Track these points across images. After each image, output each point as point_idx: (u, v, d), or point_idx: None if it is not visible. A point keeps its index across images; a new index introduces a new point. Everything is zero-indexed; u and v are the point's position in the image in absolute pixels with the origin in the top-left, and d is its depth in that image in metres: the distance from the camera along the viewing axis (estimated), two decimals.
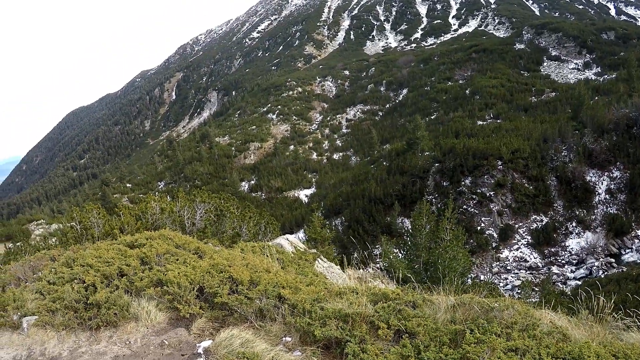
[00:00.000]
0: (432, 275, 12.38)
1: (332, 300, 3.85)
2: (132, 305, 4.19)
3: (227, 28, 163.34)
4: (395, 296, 3.92)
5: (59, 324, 4.02)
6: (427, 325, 3.39)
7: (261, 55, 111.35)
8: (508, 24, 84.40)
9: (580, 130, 30.21)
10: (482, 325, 3.31)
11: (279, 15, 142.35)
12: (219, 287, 4.16)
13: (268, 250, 6.02)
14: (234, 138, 55.21)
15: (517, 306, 3.65)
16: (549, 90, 46.72)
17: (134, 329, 4.05)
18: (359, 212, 29.32)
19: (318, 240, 12.64)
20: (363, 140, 48.72)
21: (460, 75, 57.42)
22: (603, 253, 23.32)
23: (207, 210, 8.44)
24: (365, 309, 3.60)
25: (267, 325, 3.82)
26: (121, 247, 5.16)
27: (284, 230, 31.29)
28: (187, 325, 4.05)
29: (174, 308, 4.17)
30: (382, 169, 34.08)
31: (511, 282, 22.09)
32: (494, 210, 26.73)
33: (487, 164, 28.46)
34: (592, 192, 26.81)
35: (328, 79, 72.12)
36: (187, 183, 46.33)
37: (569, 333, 3.51)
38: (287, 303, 3.88)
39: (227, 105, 78.89)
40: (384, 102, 59.10)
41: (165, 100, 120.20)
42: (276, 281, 4.25)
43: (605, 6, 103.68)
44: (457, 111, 45.31)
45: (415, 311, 3.66)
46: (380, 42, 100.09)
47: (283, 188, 41.87)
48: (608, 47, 55.61)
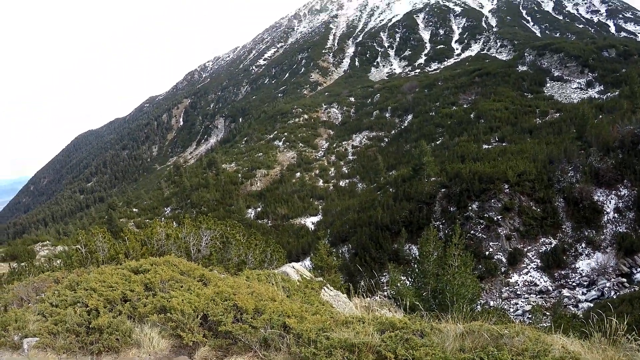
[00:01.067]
0: (441, 302, 12.23)
1: (338, 330, 3.79)
2: (134, 331, 4.14)
3: (234, 55, 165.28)
4: (402, 325, 3.85)
5: (60, 347, 3.98)
6: (435, 355, 3.32)
7: (267, 82, 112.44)
8: (510, 46, 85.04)
9: (586, 150, 30.07)
10: (492, 353, 3.24)
11: (285, 43, 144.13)
12: (223, 315, 4.10)
13: (274, 279, 5.96)
14: (240, 165, 55.39)
15: (527, 332, 3.57)
16: (553, 111, 46.80)
17: (136, 356, 4.00)
18: (365, 239, 29.12)
19: (324, 268, 12.53)
20: (369, 166, 48.73)
21: (465, 100, 57.66)
22: (614, 273, 22.98)
23: (213, 237, 8.41)
24: (372, 338, 3.53)
25: (271, 355, 3.75)
26: (125, 272, 5.13)
27: (290, 257, 31.09)
28: (190, 353, 3.99)
29: (177, 335, 4.12)
30: (389, 196, 33.98)
31: (521, 307, 21.74)
32: (502, 235, 26.48)
33: (494, 188, 28.30)
34: (601, 211, 26.52)
35: (334, 106, 72.53)
36: (194, 209, 46.31)
37: (582, 358, 3.43)
38: (292, 332, 3.81)
39: (234, 132, 79.45)
40: (390, 128, 59.25)
41: (172, 126, 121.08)
42: (281, 310, 4.19)
43: (605, 24, 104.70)
44: (462, 135, 45.36)
45: (423, 340, 3.59)
46: (384, 69, 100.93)
47: (289, 215, 41.78)
48: (610, 65, 55.97)
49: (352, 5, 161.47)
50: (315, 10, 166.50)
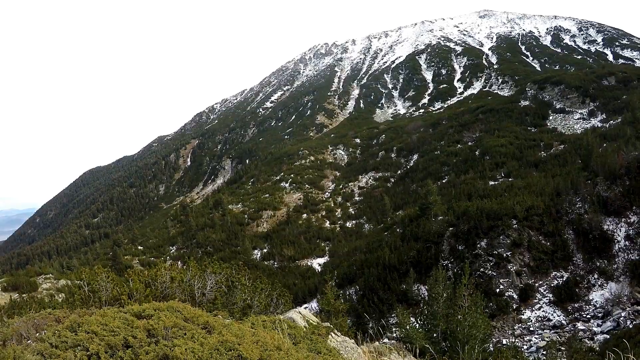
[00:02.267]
0: (451, 344, 11.96)
1: None
2: None
3: (242, 98, 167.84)
4: None
5: None
6: None
7: (274, 124, 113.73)
8: (511, 82, 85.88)
9: (593, 180, 29.76)
10: None
11: (291, 86, 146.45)
12: None
13: (279, 325, 5.83)
14: (247, 205, 55.42)
15: None
16: (557, 143, 46.80)
17: None
18: (373, 281, 28.75)
19: (332, 312, 12.32)
20: (376, 207, 48.62)
21: (469, 137, 57.90)
22: (629, 302, 22.36)
23: (218, 281, 8.31)
24: None
25: None
26: (128, 317, 5.01)
27: (297, 299, 30.72)
28: None
29: None
30: (396, 236, 33.71)
31: (535, 344, 21.16)
32: (512, 271, 26.03)
33: (502, 224, 27.96)
34: (611, 240, 26.03)
35: (340, 147, 73.04)
36: (199, 249, 46.15)
37: None
38: None
39: (241, 173, 79.75)
40: (395, 169, 59.40)
41: (180, 166, 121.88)
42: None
43: (602, 53, 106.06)
44: (468, 173, 45.34)
45: None
46: (389, 110, 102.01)
47: (296, 256, 41.49)
48: (610, 93, 56.44)
49: (356, 48, 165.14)
50: (320, 54, 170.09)
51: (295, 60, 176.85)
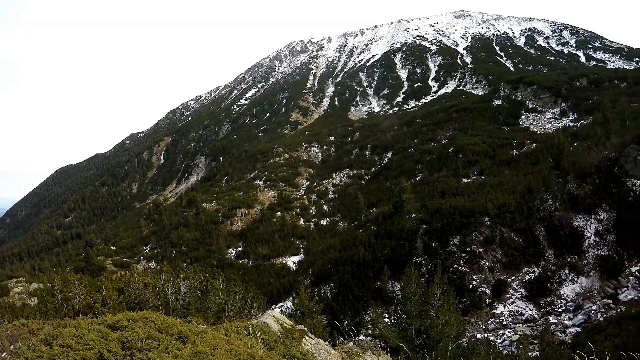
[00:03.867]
0: (425, 342, 12.15)
1: None
2: None
3: (216, 94, 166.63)
4: None
5: None
6: None
7: (248, 121, 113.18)
8: (485, 81, 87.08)
9: (564, 178, 30.48)
10: None
11: (266, 83, 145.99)
12: None
13: (253, 331, 5.87)
14: (220, 204, 55.07)
15: None
16: (529, 142, 47.62)
17: None
18: (348, 278, 28.90)
19: (306, 313, 12.42)
20: (350, 205, 48.74)
21: (443, 135, 58.49)
22: (599, 296, 22.98)
23: (192, 285, 8.30)
24: None
25: None
26: (102, 328, 4.99)
27: (272, 298, 30.72)
28: None
29: None
30: (370, 234, 33.87)
31: (509, 338, 21.55)
32: (484, 267, 26.44)
33: (475, 222, 28.37)
34: (581, 236, 26.71)
35: (314, 145, 73.10)
36: (173, 249, 45.72)
37: None
38: None
39: (215, 171, 79.21)
40: (370, 166, 59.66)
41: (153, 164, 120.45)
42: None
43: (575, 54, 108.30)
44: (441, 171, 45.74)
45: None
46: (364, 107, 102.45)
47: (270, 255, 41.38)
48: (582, 93, 57.76)
49: (332, 46, 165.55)
50: (296, 51, 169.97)
51: (270, 57, 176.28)
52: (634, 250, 24.84)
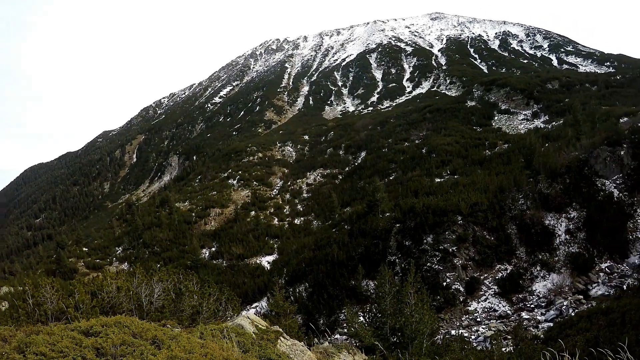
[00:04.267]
0: (400, 340, 12.27)
1: None
2: None
3: (190, 92, 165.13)
4: None
5: None
6: None
7: (222, 120, 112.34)
8: (459, 83, 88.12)
9: (535, 178, 31.23)
10: None
11: (241, 81, 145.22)
12: None
13: (228, 334, 5.86)
14: (194, 204, 54.57)
15: None
16: (502, 143, 48.38)
17: None
18: (322, 277, 28.98)
19: (281, 314, 12.42)
20: (324, 204, 48.76)
21: (416, 135, 59.01)
22: (570, 292, 23.60)
23: (166, 288, 8.23)
24: None
25: None
26: (76, 335, 4.92)
27: (246, 298, 30.60)
28: None
29: None
30: (344, 233, 33.99)
31: (483, 334, 21.93)
32: (458, 265, 26.85)
33: (448, 220, 28.76)
34: (552, 234, 27.42)
35: (288, 144, 72.96)
36: (146, 249, 45.11)
37: None
38: None
39: (188, 170, 78.46)
40: (344, 166, 59.79)
41: (125, 163, 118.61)
42: None
43: (548, 58, 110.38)
44: (414, 170, 46.05)
45: None
46: (338, 107, 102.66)
47: (245, 255, 41.12)
48: (554, 96, 59.08)
49: (307, 45, 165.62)
50: (271, 49, 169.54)
51: (245, 55, 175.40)
52: (604, 248, 25.65)
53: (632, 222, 26.67)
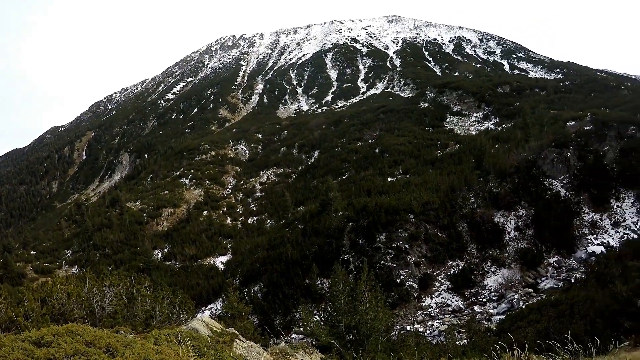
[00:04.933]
0: (356, 337, 12.44)
1: None
2: None
3: (143, 88, 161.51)
4: None
5: None
6: None
7: (175, 117, 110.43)
8: (413, 84, 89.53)
9: (485, 177, 32.30)
10: None
11: (195, 78, 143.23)
12: None
13: (183, 338, 5.85)
14: (146, 203, 53.47)
15: None
16: (453, 143, 49.51)
17: None
18: (277, 277, 28.99)
19: (236, 315, 12.38)
20: (277, 203, 48.66)
21: (370, 135, 59.68)
22: (521, 285, 24.62)
23: (117, 292, 8.10)
24: None
25: None
26: (27, 345, 4.80)
27: (201, 300, 30.25)
28: None
29: None
30: (298, 232, 34.05)
31: (437, 328, 22.51)
32: (411, 262, 27.40)
33: (400, 219, 29.28)
34: (502, 231, 28.51)
35: (241, 143, 72.41)
36: (97, 252, 43.87)
37: None
38: None
39: (139, 168, 76.75)
40: (297, 165, 59.80)
41: (75, 160, 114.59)
42: None
43: (500, 63, 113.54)
44: (367, 170, 46.50)
45: None
46: (292, 106, 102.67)
47: (198, 255, 40.53)
48: (504, 99, 60.88)
49: (264, 42, 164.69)
50: (227, 46, 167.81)
51: (200, 51, 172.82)
52: (552, 244, 26.98)
53: (578, 219, 28.16)
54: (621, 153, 31.45)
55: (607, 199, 29.18)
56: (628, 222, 27.50)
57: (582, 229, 27.77)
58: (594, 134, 33.69)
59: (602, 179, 29.97)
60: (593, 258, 24.79)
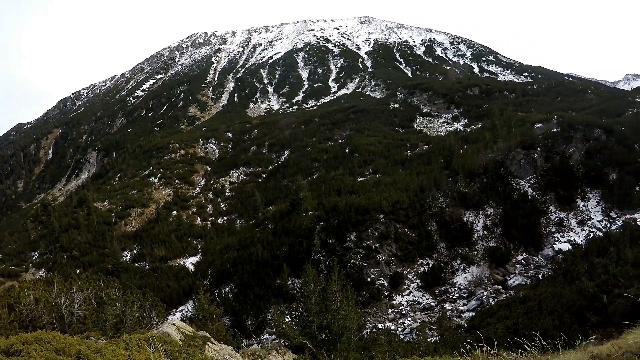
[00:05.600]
0: (328, 337, 12.52)
1: None
2: None
3: (111, 84, 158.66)
4: None
5: None
6: None
7: (144, 115, 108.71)
8: (384, 85, 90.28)
9: (454, 177, 32.94)
10: None
11: (165, 75, 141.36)
12: None
13: (154, 343, 5.83)
14: (114, 203, 52.51)
15: None
16: (423, 144, 50.18)
17: None
18: (248, 277, 28.90)
19: (207, 318, 12.33)
20: (247, 203, 48.34)
21: (340, 135, 59.94)
22: (490, 282, 25.20)
23: (86, 297, 8.00)
24: None
25: None
26: None
27: (172, 302, 29.93)
28: None
29: None
30: (268, 232, 33.95)
31: (409, 326, 22.80)
32: (381, 261, 27.67)
33: (370, 218, 29.56)
34: (471, 230, 29.15)
35: (211, 141, 71.74)
36: (64, 254, 42.76)
37: None
38: None
39: (107, 167, 75.24)
40: (267, 164, 59.55)
41: (41, 159, 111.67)
42: None
43: (470, 66, 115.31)
44: (338, 169, 46.61)
45: None
46: (263, 105, 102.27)
47: (168, 256, 39.91)
48: (473, 101, 62.02)
49: (235, 40, 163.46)
50: (198, 43, 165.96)
51: (171, 48, 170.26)
52: (519, 242, 27.82)
53: (545, 218, 29.11)
54: (587, 155, 32.61)
55: (573, 198, 30.23)
56: (593, 220, 28.65)
57: (549, 227, 28.66)
58: (560, 136, 34.71)
59: (568, 179, 31.07)
60: (560, 255, 25.58)
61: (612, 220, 28.18)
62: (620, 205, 28.85)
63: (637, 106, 43.01)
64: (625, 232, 21.78)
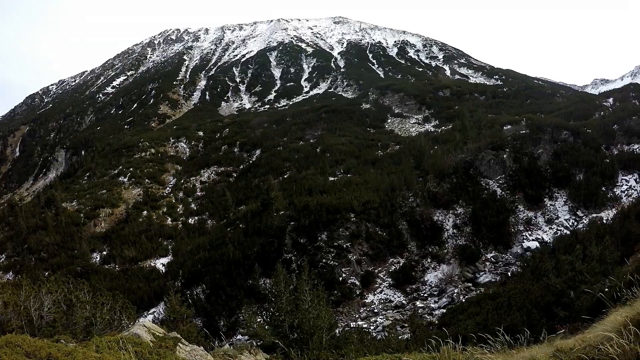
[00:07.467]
0: (300, 336, 12.67)
1: None
2: None
3: (81, 80, 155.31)
4: None
5: None
6: None
7: (114, 112, 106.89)
8: (356, 86, 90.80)
9: (424, 177, 33.54)
10: None
11: (136, 71, 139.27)
12: None
13: (125, 345, 5.89)
14: (82, 203, 51.50)
15: None
16: (394, 144, 50.69)
17: None
18: (219, 278, 28.81)
19: (178, 319, 12.35)
20: (218, 202, 47.98)
21: (311, 135, 60.04)
22: (460, 280, 25.76)
23: (56, 300, 7.98)
24: None
25: None
26: None
27: (142, 304, 29.61)
28: None
29: None
30: (239, 232, 33.84)
31: (381, 324, 23.08)
32: (352, 260, 27.94)
33: (341, 218, 29.83)
34: (441, 229, 29.75)
35: (182, 140, 70.84)
36: (32, 256, 41.68)
37: None
38: None
39: (76, 166, 73.79)
40: (238, 163, 59.15)
41: (7, 157, 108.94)
42: None
43: (442, 68, 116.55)
44: (309, 169, 46.66)
45: None
46: (234, 103, 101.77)
47: (138, 257, 39.27)
48: (444, 103, 63.10)
49: (208, 38, 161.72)
50: (170, 39, 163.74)
51: (143, 44, 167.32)
52: (489, 240, 28.57)
53: (514, 217, 29.99)
54: (554, 156, 33.65)
55: (541, 198, 31.17)
56: (561, 219, 29.66)
57: (518, 226, 29.48)
58: (529, 137, 35.69)
59: (537, 179, 32.06)
60: (528, 253, 26.46)
61: (579, 219, 29.13)
62: (586, 205, 29.85)
63: (604, 109, 44.32)
64: (592, 231, 22.61)
